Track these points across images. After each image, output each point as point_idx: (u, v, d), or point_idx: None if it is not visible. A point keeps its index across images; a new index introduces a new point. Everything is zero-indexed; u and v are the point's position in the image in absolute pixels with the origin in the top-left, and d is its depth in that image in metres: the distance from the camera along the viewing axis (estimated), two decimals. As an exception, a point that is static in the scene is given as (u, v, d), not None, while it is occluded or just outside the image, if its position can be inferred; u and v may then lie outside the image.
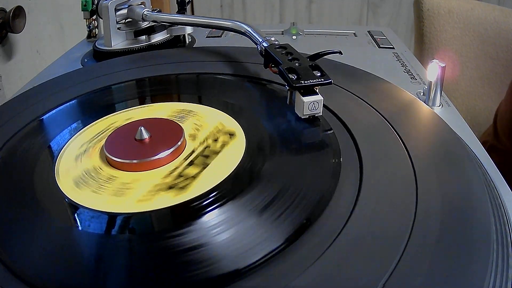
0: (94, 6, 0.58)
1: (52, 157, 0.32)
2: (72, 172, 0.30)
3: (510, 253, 0.24)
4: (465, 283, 0.21)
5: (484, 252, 0.22)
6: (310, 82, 0.33)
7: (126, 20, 0.57)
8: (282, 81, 0.35)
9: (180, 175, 0.29)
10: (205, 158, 0.31)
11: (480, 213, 0.25)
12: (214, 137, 0.33)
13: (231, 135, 0.33)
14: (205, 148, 0.32)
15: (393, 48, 0.56)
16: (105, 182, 0.29)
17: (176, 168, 0.30)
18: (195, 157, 0.31)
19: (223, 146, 0.32)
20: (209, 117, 0.36)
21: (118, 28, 0.55)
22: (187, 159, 0.31)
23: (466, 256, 0.22)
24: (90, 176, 0.30)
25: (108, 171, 0.30)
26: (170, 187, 0.28)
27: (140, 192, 0.28)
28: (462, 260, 0.22)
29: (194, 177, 0.29)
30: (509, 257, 0.24)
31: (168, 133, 0.32)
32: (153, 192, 0.28)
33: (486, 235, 0.23)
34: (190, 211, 0.26)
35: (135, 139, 0.31)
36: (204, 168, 0.30)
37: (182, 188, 0.28)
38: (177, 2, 0.59)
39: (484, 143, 0.67)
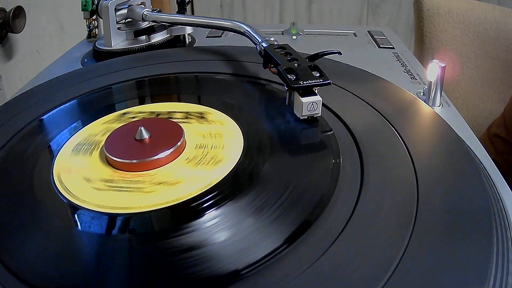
0: (94, 6, 0.58)
1: (52, 157, 0.32)
2: (72, 172, 0.30)
3: (510, 248, 0.24)
4: (467, 279, 0.21)
5: (485, 250, 0.22)
6: (309, 83, 0.33)
7: (126, 20, 0.57)
8: (282, 81, 0.35)
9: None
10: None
11: (481, 212, 0.25)
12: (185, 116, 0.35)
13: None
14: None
15: (393, 48, 0.56)
16: (106, 181, 0.29)
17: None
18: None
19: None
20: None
21: (118, 28, 0.55)
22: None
23: (467, 254, 0.22)
24: (90, 176, 0.30)
25: (108, 171, 0.30)
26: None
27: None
28: (463, 258, 0.22)
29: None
30: (509, 253, 0.24)
31: (168, 133, 0.32)
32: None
33: (486, 233, 0.23)
34: (190, 211, 0.26)
35: (135, 139, 0.31)
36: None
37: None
38: (177, 2, 0.59)
39: (491, 133, 0.68)
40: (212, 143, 0.32)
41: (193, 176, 0.29)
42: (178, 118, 0.36)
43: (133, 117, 0.36)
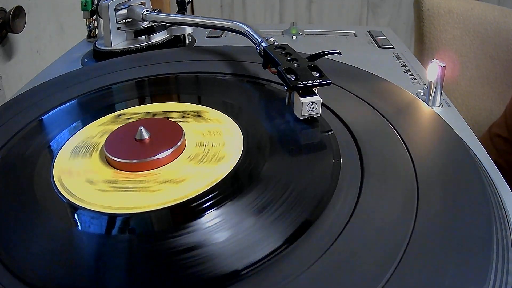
0: (94, 6, 0.58)
1: (52, 157, 0.32)
2: (73, 174, 0.30)
3: (510, 248, 0.24)
4: (467, 279, 0.21)
5: (485, 250, 0.22)
6: (309, 83, 0.33)
7: (126, 20, 0.57)
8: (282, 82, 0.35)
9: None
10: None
11: (480, 213, 0.25)
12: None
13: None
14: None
15: (393, 48, 0.56)
16: (109, 182, 0.29)
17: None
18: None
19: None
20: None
21: (118, 28, 0.55)
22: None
23: (467, 254, 0.22)
24: (90, 176, 0.30)
25: (108, 170, 0.30)
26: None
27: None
28: (463, 258, 0.22)
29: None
30: (509, 252, 0.24)
31: (168, 133, 0.32)
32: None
33: (486, 233, 0.23)
34: (190, 211, 0.26)
35: (135, 139, 0.31)
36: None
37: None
38: (177, 2, 0.59)
39: (492, 133, 0.68)
40: (212, 141, 0.32)
41: (197, 173, 0.29)
42: (174, 118, 0.36)
43: (129, 118, 0.36)
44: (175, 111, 0.37)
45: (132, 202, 0.27)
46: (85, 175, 0.30)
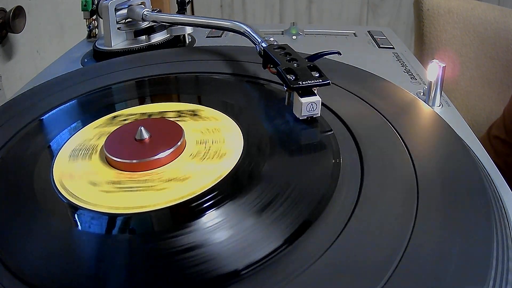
0: (94, 6, 0.58)
1: (52, 157, 0.32)
2: (75, 177, 0.30)
3: (510, 246, 0.24)
4: (467, 278, 0.21)
5: (485, 249, 0.22)
6: (308, 83, 0.33)
7: (126, 20, 0.57)
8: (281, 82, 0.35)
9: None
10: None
11: (480, 213, 0.25)
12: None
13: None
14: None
15: (393, 48, 0.56)
16: (113, 183, 0.29)
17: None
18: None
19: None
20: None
21: (118, 28, 0.55)
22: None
23: (467, 253, 0.22)
24: (92, 178, 0.30)
25: (108, 171, 0.30)
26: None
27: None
28: (462, 259, 0.22)
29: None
30: (509, 251, 0.24)
31: (168, 133, 0.32)
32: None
33: (486, 233, 0.23)
34: (190, 211, 0.26)
35: (135, 139, 0.31)
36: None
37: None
38: (177, 2, 0.59)
39: (491, 135, 0.69)
40: (212, 138, 0.32)
41: (201, 170, 0.29)
42: (171, 117, 0.36)
43: (125, 120, 0.36)
44: (171, 111, 0.37)
45: (139, 201, 0.27)
46: (87, 177, 0.30)
